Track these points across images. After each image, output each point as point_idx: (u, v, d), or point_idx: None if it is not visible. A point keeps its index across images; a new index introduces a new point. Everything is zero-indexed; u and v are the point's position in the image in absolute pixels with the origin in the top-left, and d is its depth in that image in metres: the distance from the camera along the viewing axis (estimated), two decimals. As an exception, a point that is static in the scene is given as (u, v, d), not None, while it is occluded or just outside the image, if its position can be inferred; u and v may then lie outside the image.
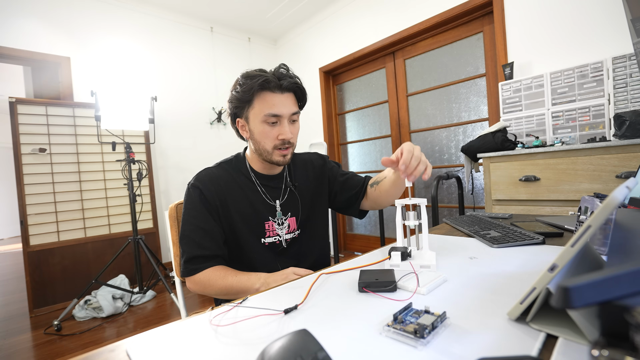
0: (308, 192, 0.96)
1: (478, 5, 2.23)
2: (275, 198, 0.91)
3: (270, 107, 0.80)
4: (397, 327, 0.37)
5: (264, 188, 0.90)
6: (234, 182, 0.88)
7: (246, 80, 0.80)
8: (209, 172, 0.88)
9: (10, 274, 3.67)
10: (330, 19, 3.31)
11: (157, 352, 0.38)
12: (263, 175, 0.91)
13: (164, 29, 3.17)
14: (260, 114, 0.81)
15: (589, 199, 0.68)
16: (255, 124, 0.83)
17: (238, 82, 0.83)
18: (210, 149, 3.41)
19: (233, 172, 0.90)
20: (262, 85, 0.79)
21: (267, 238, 0.88)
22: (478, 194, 2.45)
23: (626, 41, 1.54)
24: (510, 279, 0.52)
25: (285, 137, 0.82)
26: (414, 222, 0.67)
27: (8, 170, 6.05)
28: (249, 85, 0.79)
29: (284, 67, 0.83)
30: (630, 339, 0.21)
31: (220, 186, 0.86)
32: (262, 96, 0.80)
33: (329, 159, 1.05)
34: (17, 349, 1.84)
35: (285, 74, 0.82)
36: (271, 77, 0.80)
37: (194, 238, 0.81)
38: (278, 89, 0.80)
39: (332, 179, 1.00)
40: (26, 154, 2.33)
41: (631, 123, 1.31)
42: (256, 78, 0.79)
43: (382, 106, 3.11)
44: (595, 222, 0.31)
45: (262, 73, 0.81)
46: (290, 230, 0.91)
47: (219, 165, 0.91)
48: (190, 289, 0.82)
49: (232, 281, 0.75)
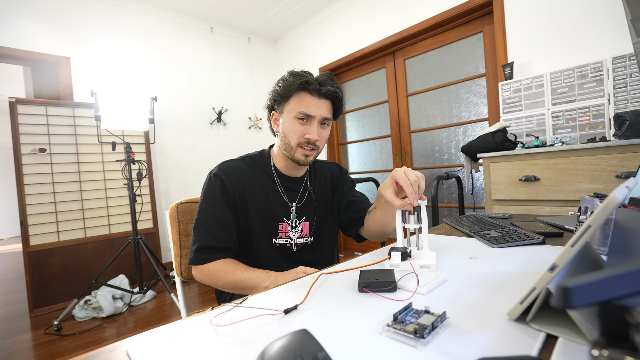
0: (325, 201, 0.97)
1: (478, 5, 2.24)
2: (292, 200, 0.92)
3: (305, 106, 0.82)
4: (397, 327, 0.37)
5: (283, 188, 0.91)
6: (255, 177, 0.89)
7: (290, 77, 0.83)
8: (232, 164, 0.89)
9: (10, 274, 3.67)
10: (330, 19, 3.31)
11: (157, 352, 0.38)
12: (285, 176, 0.92)
13: (164, 29, 3.17)
14: (295, 110, 0.83)
15: (589, 199, 0.68)
16: (287, 118, 0.85)
17: (282, 77, 0.85)
18: (210, 149, 3.41)
19: (255, 168, 0.91)
20: (302, 85, 0.81)
21: (279, 239, 0.88)
22: (478, 194, 2.45)
23: (626, 41, 1.54)
24: (510, 279, 0.52)
25: (311, 137, 0.83)
26: (414, 225, 0.67)
27: (8, 170, 6.05)
28: (291, 82, 0.82)
29: (330, 76, 0.85)
30: (630, 339, 0.21)
31: (242, 179, 0.87)
32: (300, 95, 0.83)
33: (347, 174, 1.06)
34: (17, 349, 1.84)
35: (327, 82, 0.84)
36: (313, 80, 0.82)
37: (208, 228, 0.81)
38: (316, 93, 0.82)
39: (343, 194, 1.00)
40: (26, 154, 2.33)
41: (631, 123, 1.31)
42: (299, 77, 0.82)
43: (382, 106, 3.11)
44: (595, 222, 0.31)
45: (307, 75, 0.83)
46: (302, 235, 0.91)
47: (243, 159, 0.92)
48: (196, 278, 0.82)
49: (242, 276, 0.75)
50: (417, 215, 0.68)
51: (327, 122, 0.87)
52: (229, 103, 3.59)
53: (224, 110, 3.52)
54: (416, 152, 2.87)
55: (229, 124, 3.58)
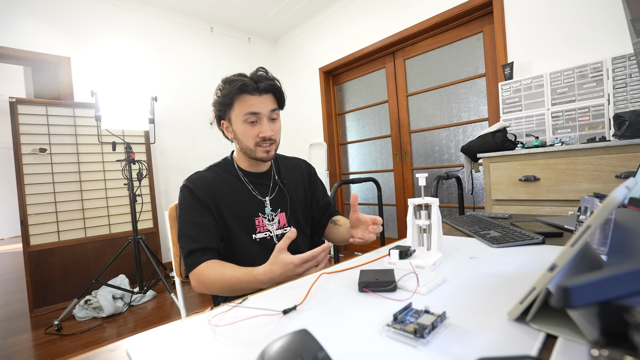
0: (296, 192, 1.00)
1: (478, 5, 2.24)
2: (265, 195, 0.94)
3: (249, 106, 0.85)
4: (397, 327, 0.37)
5: (252, 185, 0.94)
6: (223, 182, 0.91)
7: (225, 85, 0.86)
8: (199, 174, 0.92)
9: (11, 274, 3.67)
10: (330, 19, 3.31)
11: (157, 352, 0.38)
12: (251, 173, 0.95)
13: (164, 29, 3.17)
14: (241, 114, 0.85)
15: (589, 199, 0.68)
16: (237, 124, 0.87)
17: (219, 87, 0.88)
18: (210, 149, 3.40)
19: (222, 173, 0.94)
20: (240, 89, 0.84)
21: (258, 234, 0.90)
22: (478, 194, 2.45)
23: (626, 41, 1.54)
24: (510, 279, 0.52)
25: (265, 134, 0.86)
26: (425, 221, 0.67)
27: (8, 170, 6.06)
28: (228, 89, 0.84)
29: (262, 70, 0.87)
30: (630, 338, 0.21)
31: (211, 186, 0.89)
32: (242, 99, 0.85)
33: (315, 173, 1.11)
34: (18, 348, 1.84)
35: (263, 77, 0.86)
36: (249, 81, 0.84)
37: (190, 234, 0.82)
38: (256, 92, 0.85)
39: (314, 187, 1.06)
40: (26, 154, 2.33)
41: (631, 123, 1.31)
42: (234, 82, 0.84)
43: (382, 106, 3.11)
44: (595, 222, 0.31)
45: (241, 77, 0.85)
46: (281, 225, 0.94)
47: (209, 169, 0.95)
48: (195, 288, 0.81)
49: (232, 275, 0.74)
50: (429, 212, 0.67)
51: (276, 115, 0.89)
52: (229, 103, 3.59)
53: (224, 110, 3.52)
54: (416, 152, 2.87)
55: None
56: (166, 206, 3.05)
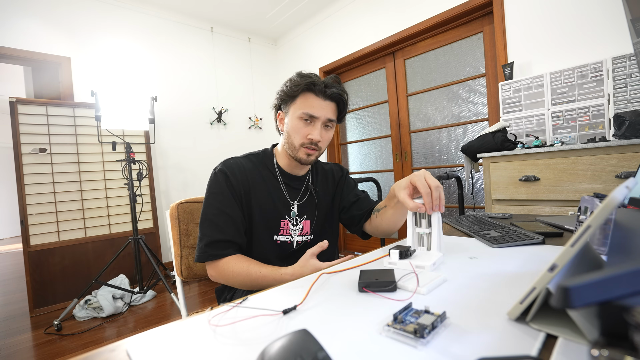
0: (326, 201, 0.98)
1: (478, 5, 2.24)
2: (294, 198, 0.93)
3: (310, 107, 0.84)
4: (397, 327, 0.37)
5: (285, 186, 0.92)
6: (258, 174, 0.90)
7: (297, 78, 0.85)
8: (236, 160, 0.90)
9: (11, 274, 3.67)
10: (330, 19, 3.31)
11: (157, 352, 0.38)
12: (287, 174, 0.94)
13: (164, 29, 3.17)
14: (299, 110, 0.84)
15: (589, 199, 0.68)
16: (292, 118, 0.86)
17: (291, 78, 0.87)
18: (211, 149, 3.41)
19: (259, 165, 0.92)
20: (308, 86, 0.83)
21: (280, 236, 0.89)
22: (478, 194, 2.45)
23: (626, 41, 1.54)
24: (510, 279, 0.52)
25: (314, 137, 0.84)
26: (426, 230, 0.67)
27: (8, 170, 6.06)
28: (298, 82, 0.84)
29: (336, 79, 0.87)
30: (630, 338, 0.21)
31: (246, 176, 0.88)
32: (306, 96, 0.84)
33: (348, 174, 1.08)
34: (18, 348, 1.84)
35: (333, 85, 0.85)
36: (319, 81, 0.84)
37: (217, 222, 0.81)
38: (322, 94, 0.84)
39: (344, 193, 1.02)
40: (26, 154, 2.33)
41: (631, 123, 1.31)
42: (306, 78, 0.84)
43: (382, 106, 3.11)
44: (595, 222, 0.31)
45: (314, 76, 0.85)
46: (303, 232, 0.92)
47: (246, 157, 0.93)
48: (212, 277, 0.81)
49: (258, 273, 0.75)
50: (429, 220, 0.68)
51: (331, 124, 0.88)
52: (229, 103, 3.59)
53: (224, 110, 3.52)
54: (416, 152, 2.87)
55: (229, 124, 3.58)
56: (166, 206, 3.05)
